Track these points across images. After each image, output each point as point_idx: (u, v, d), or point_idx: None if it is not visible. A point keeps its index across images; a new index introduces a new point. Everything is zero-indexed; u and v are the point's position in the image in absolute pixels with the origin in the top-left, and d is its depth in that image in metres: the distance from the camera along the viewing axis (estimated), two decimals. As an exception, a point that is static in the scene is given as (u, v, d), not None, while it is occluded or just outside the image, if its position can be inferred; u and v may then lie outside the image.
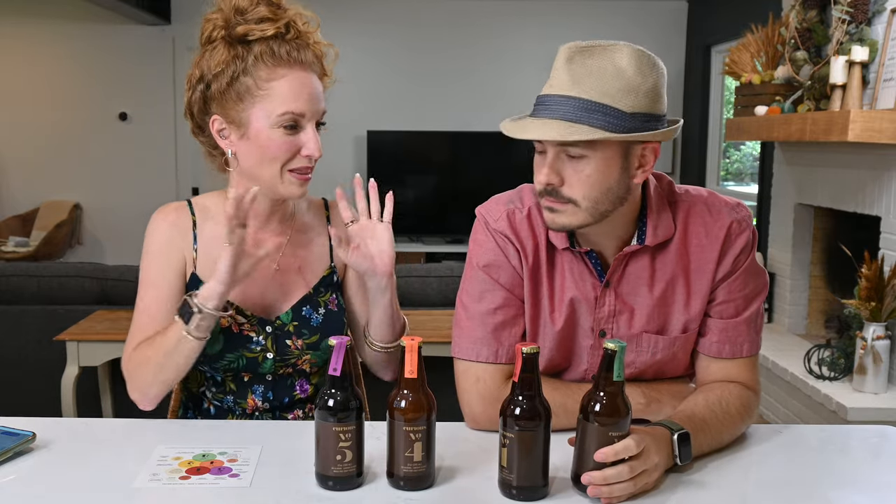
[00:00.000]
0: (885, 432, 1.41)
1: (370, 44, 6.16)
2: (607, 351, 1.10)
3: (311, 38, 1.43)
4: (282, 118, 1.36)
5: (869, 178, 3.41)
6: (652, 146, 1.25)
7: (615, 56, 1.20)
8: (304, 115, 1.38)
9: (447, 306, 3.08)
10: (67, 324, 2.90)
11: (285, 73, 1.37)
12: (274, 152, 1.38)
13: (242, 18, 1.38)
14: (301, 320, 1.48)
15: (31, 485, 1.14)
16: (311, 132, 1.39)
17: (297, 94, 1.37)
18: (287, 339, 1.47)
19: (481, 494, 1.13)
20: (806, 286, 4.16)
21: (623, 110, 1.19)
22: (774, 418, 3.75)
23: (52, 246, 5.99)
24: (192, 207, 1.50)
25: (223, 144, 1.43)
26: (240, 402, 1.49)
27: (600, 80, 1.19)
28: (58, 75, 6.31)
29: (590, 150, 1.21)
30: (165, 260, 1.45)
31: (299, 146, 1.39)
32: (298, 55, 1.39)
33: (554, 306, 1.37)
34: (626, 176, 1.25)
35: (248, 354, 1.45)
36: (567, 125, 1.19)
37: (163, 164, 6.41)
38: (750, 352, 1.38)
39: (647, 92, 1.21)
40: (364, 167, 6.19)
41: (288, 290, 1.49)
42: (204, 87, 1.41)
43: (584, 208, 1.25)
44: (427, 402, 1.12)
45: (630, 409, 1.12)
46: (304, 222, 1.55)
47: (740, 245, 1.35)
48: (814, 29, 3.69)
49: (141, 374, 1.40)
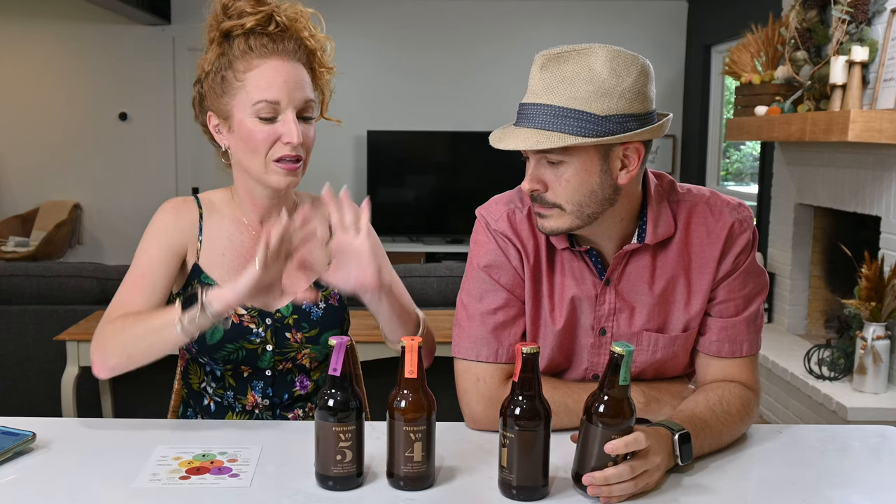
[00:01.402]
0: (885, 432, 1.41)
1: (370, 44, 6.17)
2: (614, 355, 1.10)
3: (298, 29, 1.44)
4: (256, 107, 1.38)
5: (869, 178, 3.41)
6: (634, 146, 1.25)
7: (589, 60, 1.21)
8: (279, 102, 1.38)
9: (447, 306, 3.07)
10: (67, 324, 2.91)
11: (260, 63, 1.39)
12: (254, 143, 1.40)
13: (226, 15, 1.42)
14: (301, 314, 1.49)
15: (31, 485, 1.14)
16: (290, 120, 1.39)
17: (270, 82, 1.38)
18: (287, 331, 1.48)
19: (481, 494, 1.13)
20: (806, 286, 4.16)
21: (596, 114, 1.19)
22: (774, 418, 3.75)
23: (52, 246, 5.99)
24: (199, 201, 1.53)
25: (219, 140, 1.47)
26: (240, 398, 1.49)
27: (571, 86, 1.20)
28: (58, 75, 6.31)
29: (566, 155, 1.23)
30: (162, 243, 1.45)
31: (278, 135, 1.39)
32: (275, 46, 1.40)
33: (554, 305, 1.37)
34: (608, 178, 1.25)
35: (248, 346, 1.46)
36: (540, 133, 1.21)
37: (163, 164, 6.41)
38: (749, 351, 1.38)
39: (622, 93, 1.20)
40: (364, 167, 6.19)
41: (289, 283, 1.49)
42: (199, 87, 1.47)
43: (569, 212, 1.26)
44: (427, 402, 1.12)
45: (634, 412, 1.12)
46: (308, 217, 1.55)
47: (741, 244, 1.35)
48: (814, 29, 3.69)
49: (112, 338, 1.35)
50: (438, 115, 6.30)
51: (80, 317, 2.94)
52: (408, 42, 6.27)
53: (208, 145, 1.52)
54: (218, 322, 1.31)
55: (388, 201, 6.08)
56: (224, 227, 1.49)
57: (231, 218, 1.51)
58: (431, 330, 1.54)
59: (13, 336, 3.03)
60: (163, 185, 6.40)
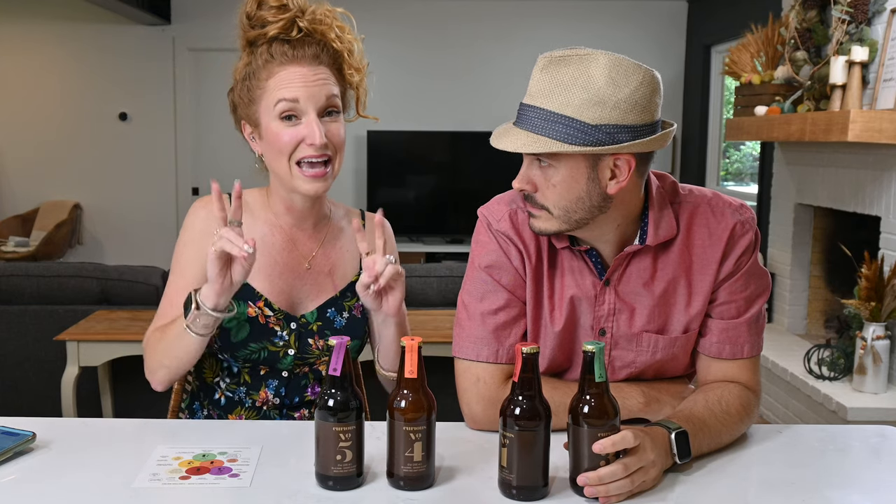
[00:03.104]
0: (885, 432, 1.41)
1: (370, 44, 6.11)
2: (586, 354, 1.10)
3: (324, 31, 1.44)
4: (277, 108, 1.39)
5: (869, 178, 3.41)
6: (625, 157, 1.24)
7: (589, 66, 1.20)
8: (298, 100, 1.38)
9: (447, 306, 3.08)
10: (67, 324, 2.91)
11: (279, 70, 1.40)
12: (279, 145, 1.40)
13: (250, 25, 1.43)
14: (325, 321, 1.50)
15: (31, 485, 1.14)
16: (312, 120, 1.38)
17: (288, 82, 1.38)
18: (310, 337, 1.49)
19: (481, 494, 1.13)
20: (806, 286, 4.16)
21: (587, 122, 1.19)
22: (774, 418, 3.75)
23: (52, 246, 5.99)
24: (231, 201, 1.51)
25: (254, 147, 1.48)
26: (252, 394, 1.50)
27: (566, 92, 1.20)
28: (58, 75, 6.32)
29: (555, 160, 1.23)
30: (197, 249, 1.44)
31: (302, 136, 1.39)
32: (295, 52, 1.40)
33: (554, 305, 1.37)
34: (596, 186, 1.25)
35: (271, 348, 1.46)
36: (530, 136, 1.22)
37: (163, 164, 6.40)
38: (751, 353, 1.38)
39: (616, 103, 1.19)
40: (364, 167, 6.19)
41: (316, 290, 1.51)
42: (232, 95, 1.48)
43: (556, 216, 1.27)
44: (427, 402, 1.12)
45: (617, 408, 1.12)
46: (340, 226, 1.56)
47: (743, 246, 1.35)
48: (814, 29, 3.69)
49: (150, 355, 1.42)
50: (438, 115, 6.30)
51: (80, 317, 2.94)
52: (408, 42, 6.27)
53: (208, 145, 1.53)
54: (223, 315, 1.32)
55: (388, 201, 6.08)
56: (257, 228, 1.49)
57: (264, 220, 1.51)
58: None
59: (13, 336, 3.03)
60: (163, 185, 6.40)
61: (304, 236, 1.51)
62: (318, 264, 1.52)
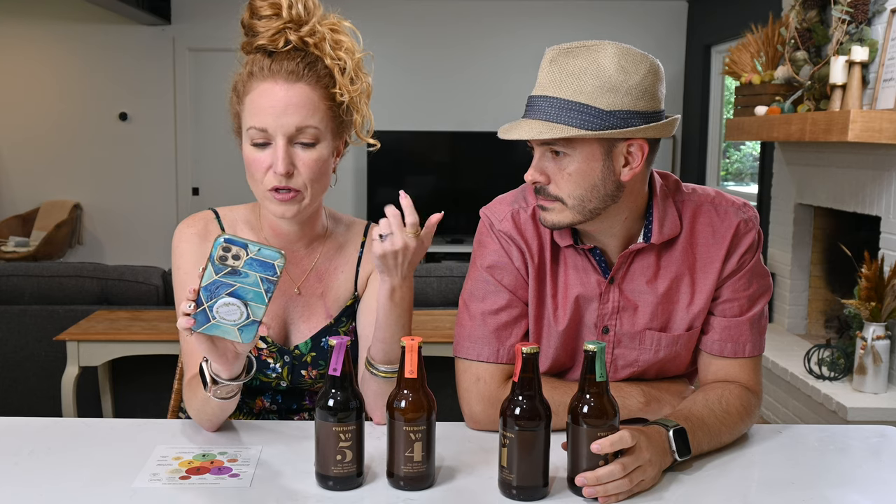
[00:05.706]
0: (885, 432, 1.41)
1: (369, 44, 6.13)
2: (587, 353, 1.10)
3: (315, 45, 1.35)
4: (249, 133, 1.32)
5: (869, 178, 3.41)
6: (638, 143, 1.25)
7: (598, 55, 1.22)
8: (266, 129, 1.30)
9: (447, 306, 3.08)
10: (67, 324, 2.91)
11: (257, 86, 1.32)
12: (251, 170, 1.34)
13: (244, 31, 1.37)
14: (319, 351, 1.45)
15: (31, 485, 1.14)
16: (280, 147, 1.30)
17: (260, 108, 1.31)
18: (303, 369, 1.45)
19: (481, 494, 1.13)
20: (806, 286, 4.16)
21: (601, 108, 1.21)
22: (774, 418, 3.75)
23: (52, 246, 5.99)
24: (220, 220, 1.45)
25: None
26: (248, 402, 1.49)
27: (578, 80, 1.21)
28: (58, 75, 6.32)
29: (570, 148, 1.24)
30: (196, 275, 1.32)
31: (269, 163, 1.31)
32: (273, 67, 1.31)
33: (557, 305, 1.37)
34: (610, 173, 1.26)
35: (264, 379, 1.43)
36: (545, 125, 1.22)
37: (163, 164, 6.40)
38: (752, 352, 1.38)
39: (628, 90, 1.21)
40: (364, 167, 6.19)
41: (308, 314, 1.46)
42: (229, 105, 1.42)
43: (570, 206, 1.27)
44: (427, 402, 1.12)
45: (617, 408, 1.12)
46: (338, 244, 1.49)
47: (746, 244, 1.35)
48: (814, 29, 3.69)
49: (191, 410, 1.34)
50: (438, 115, 6.30)
51: (80, 317, 2.94)
52: (408, 42, 6.27)
53: (208, 145, 1.52)
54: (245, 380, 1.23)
55: (388, 201, 6.05)
56: None
57: (256, 239, 1.41)
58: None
59: (13, 336, 3.03)
60: (163, 185, 6.40)
61: (295, 258, 1.44)
62: (310, 288, 1.46)
